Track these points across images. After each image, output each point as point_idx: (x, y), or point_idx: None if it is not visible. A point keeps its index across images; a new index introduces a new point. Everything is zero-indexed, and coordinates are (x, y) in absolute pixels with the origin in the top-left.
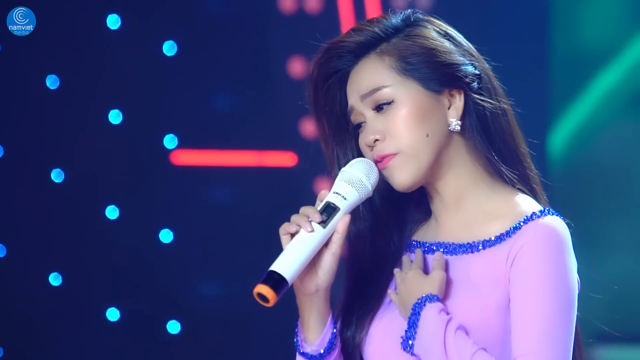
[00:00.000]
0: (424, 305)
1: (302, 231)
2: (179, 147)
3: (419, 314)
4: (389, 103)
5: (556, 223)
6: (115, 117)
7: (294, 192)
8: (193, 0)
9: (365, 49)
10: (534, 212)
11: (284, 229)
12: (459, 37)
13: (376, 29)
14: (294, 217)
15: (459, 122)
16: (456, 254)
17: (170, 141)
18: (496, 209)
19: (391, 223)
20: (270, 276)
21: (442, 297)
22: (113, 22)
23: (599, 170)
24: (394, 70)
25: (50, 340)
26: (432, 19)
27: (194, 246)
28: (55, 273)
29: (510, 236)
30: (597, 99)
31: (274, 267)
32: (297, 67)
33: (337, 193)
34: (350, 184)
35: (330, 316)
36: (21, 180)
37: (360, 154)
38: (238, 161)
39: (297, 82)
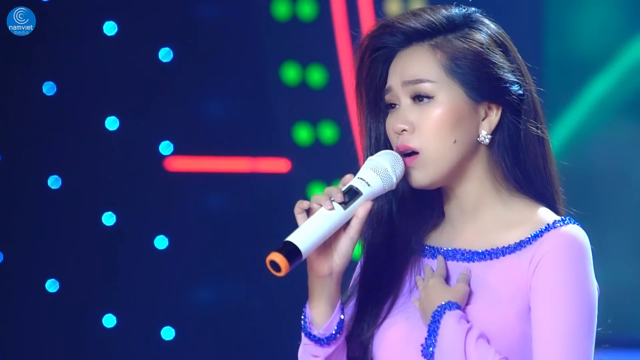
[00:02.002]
0: (444, 313)
1: (322, 209)
2: (174, 153)
3: (439, 322)
4: (428, 97)
5: (578, 232)
6: (111, 123)
7: (287, 198)
8: (189, 7)
9: (420, 36)
10: (555, 220)
11: (298, 206)
12: (514, 50)
13: (436, 20)
14: (315, 196)
15: (489, 136)
16: (473, 261)
17: (165, 147)
18: (515, 217)
19: (409, 219)
20: (285, 245)
21: (462, 306)
22: (110, 28)
23: (593, 175)
24: (442, 68)
25: (47, 346)
26: (492, 25)
27: (189, 252)
28: (52, 279)
29: (531, 243)
30: (591, 105)
31: (290, 237)
32: (291, 74)
33: (361, 179)
34: (376, 172)
35: (339, 302)
36: (18, 186)
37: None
38: (232, 167)
39: (291, 89)
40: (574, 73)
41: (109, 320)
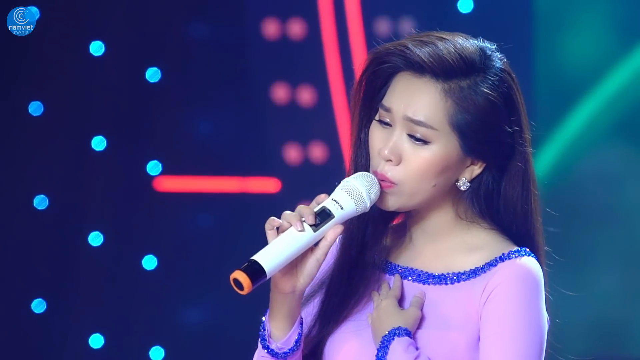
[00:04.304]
0: (393, 339)
1: (291, 229)
2: (162, 173)
3: (388, 348)
4: (424, 142)
5: (532, 264)
6: (98, 143)
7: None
8: (177, 26)
9: (434, 74)
10: (510, 251)
11: (270, 223)
12: (519, 101)
13: (454, 63)
14: (286, 214)
15: (468, 184)
16: (428, 284)
17: (153, 167)
18: (473, 242)
19: (379, 234)
20: (250, 265)
21: (413, 332)
22: (96, 48)
23: (582, 196)
24: (447, 117)
25: None
26: (507, 71)
27: (178, 272)
28: (39, 299)
29: (485, 271)
30: (580, 125)
31: (257, 257)
32: (281, 93)
33: (335, 201)
34: (350, 196)
35: (299, 318)
36: (4, 206)
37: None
38: (221, 187)
39: (281, 108)
40: (564, 93)
41: (97, 341)
